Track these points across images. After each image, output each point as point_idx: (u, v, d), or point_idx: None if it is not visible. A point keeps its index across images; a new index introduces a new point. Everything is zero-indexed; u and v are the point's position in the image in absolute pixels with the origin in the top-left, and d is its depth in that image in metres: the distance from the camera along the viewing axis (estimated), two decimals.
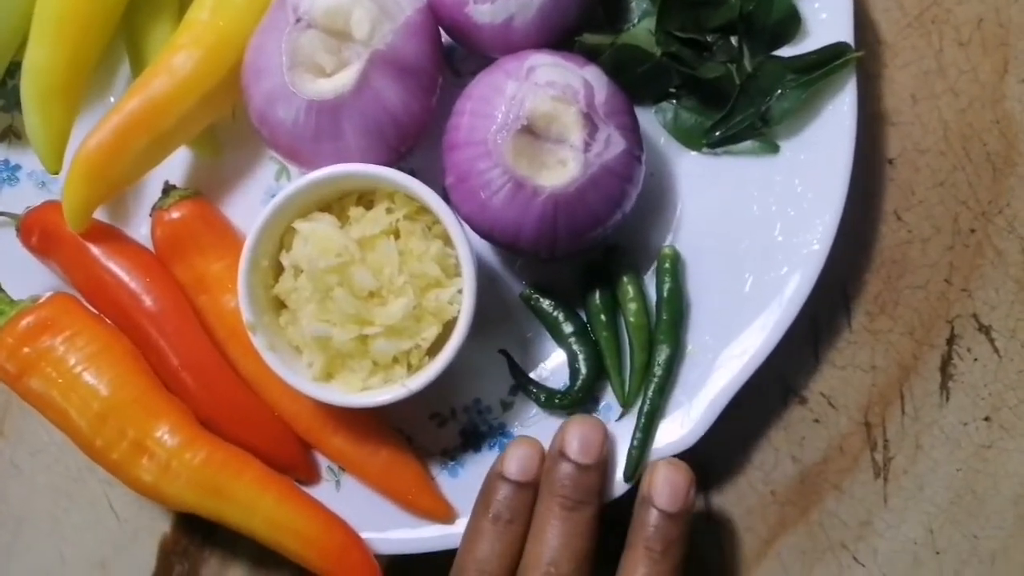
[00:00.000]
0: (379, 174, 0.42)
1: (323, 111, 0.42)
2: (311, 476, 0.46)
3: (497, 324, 0.48)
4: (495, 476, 0.43)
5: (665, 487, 0.42)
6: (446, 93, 0.45)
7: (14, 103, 0.49)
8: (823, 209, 0.45)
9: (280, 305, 0.44)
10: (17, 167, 0.49)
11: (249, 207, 0.49)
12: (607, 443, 0.43)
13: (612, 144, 0.42)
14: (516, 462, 0.43)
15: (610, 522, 0.44)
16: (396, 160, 0.44)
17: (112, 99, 0.49)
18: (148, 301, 0.45)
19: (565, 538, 0.42)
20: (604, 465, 0.43)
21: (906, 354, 0.49)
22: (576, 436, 0.43)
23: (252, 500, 0.43)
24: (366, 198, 0.45)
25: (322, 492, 0.47)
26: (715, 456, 0.49)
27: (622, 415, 0.46)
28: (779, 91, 0.45)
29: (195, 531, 0.51)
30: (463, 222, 0.44)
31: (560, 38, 0.45)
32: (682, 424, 0.46)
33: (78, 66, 0.44)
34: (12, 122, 0.49)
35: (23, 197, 0.49)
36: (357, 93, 0.42)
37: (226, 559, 0.50)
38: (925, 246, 0.49)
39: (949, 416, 0.49)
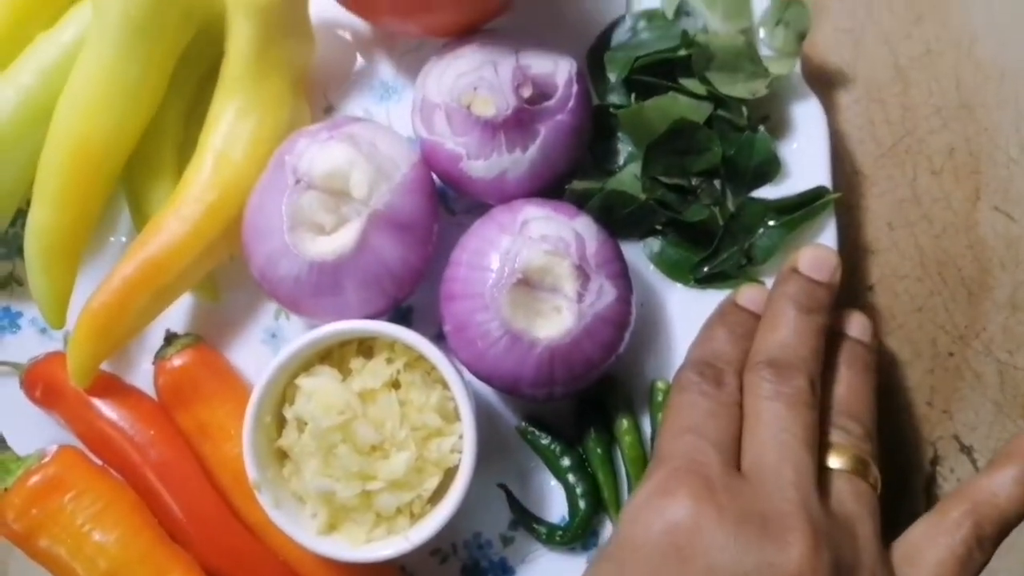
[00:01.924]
0: (378, 329, 0.43)
1: (324, 270, 0.43)
2: None
3: (495, 458, 0.49)
4: (730, 305, 0.45)
5: (810, 257, 0.43)
6: (441, 230, 0.46)
7: (15, 251, 0.50)
8: None
9: (283, 456, 0.45)
10: (19, 314, 0.50)
11: (250, 347, 0.50)
12: (839, 270, 0.44)
13: (604, 293, 0.43)
14: (752, 291, 0.45)
15: None
16: (392, 306, 0.46)
17: (112, 239, 0.50)
18: (152, 454, 0.45)
19: (800, 331, 0.42)
20: (835, 289, 0.44)
21: (891, 475, 0.51)
22: (809, 256, 0.44)
23: None
24: (366, 344, 0.46)
25: None
26: None
27: None
28: (761, 230, 0.47)
29: None
30: (462, 366, 0.45)
31: (551, 185, 0.46)
32: None
33: (80, 226, 0.45)
34: (13, 269, 0.50)
35: (25, 345, 0.49)
36: (357, 253, 0.43)
37: None
38: (906, 370, 0.51)
39: None
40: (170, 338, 0.47)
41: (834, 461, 0.40)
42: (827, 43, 0.52)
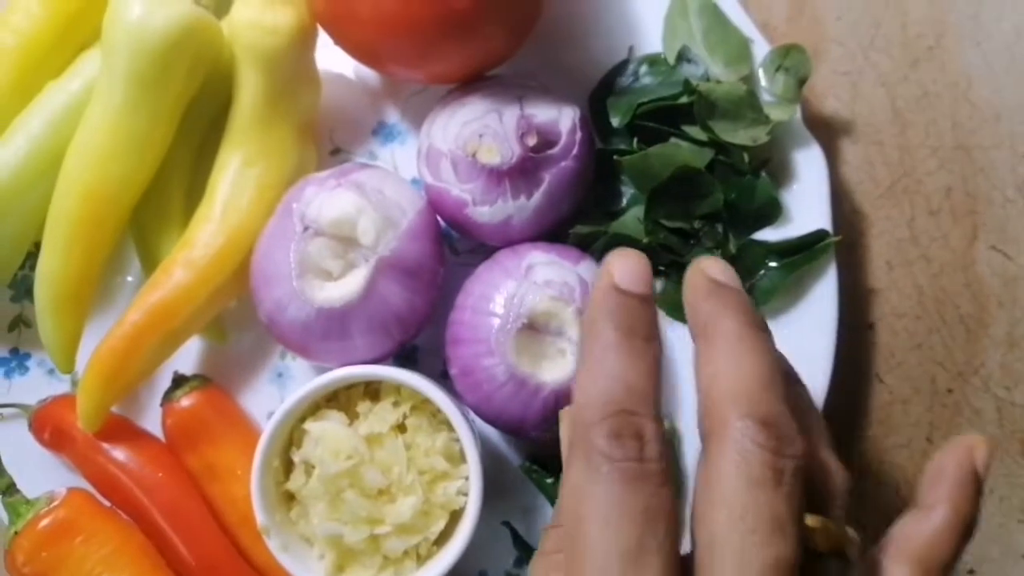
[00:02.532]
0: (385, 375, 0.44)
1: (331, 316, 0.44)
2: None
3: (500, 497, 0.49)
4: (609, 290, 0.33)
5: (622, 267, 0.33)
6: (447, 271, 0.47)
7: (23, 293, 0.50)
8: (811, 376, 0.47)
9: (290, 499, 0.45)
10: (27, 356, 0.51)
11: (257, 387, 0.50)
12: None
13: None
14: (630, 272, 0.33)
15: None
16: (398, 349, 0.46)
17: (119, 279, 0.51)
18: (160, 496, 0.46)
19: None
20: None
21: (893, 511, 0.51)
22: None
23: None
24: (372, 386, 0.46)
25: None
26: None
27: None
28: (763, 272, 0.48)
29: None
30: (468, 410, 0.45)
31: (555, 229, 0.47)
32: None
33: (89, 273, 0.46)
34: (22, 311, 0.51)
35: (33, 386, 0.50)
36: (364, 299, 0.44)
37: None
38: (906, 406, 0.52)
39: None
40: (178, 380, 0.48)
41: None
42: (825, 86, 0.53)
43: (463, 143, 0.45)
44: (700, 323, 0.33)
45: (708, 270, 0.34)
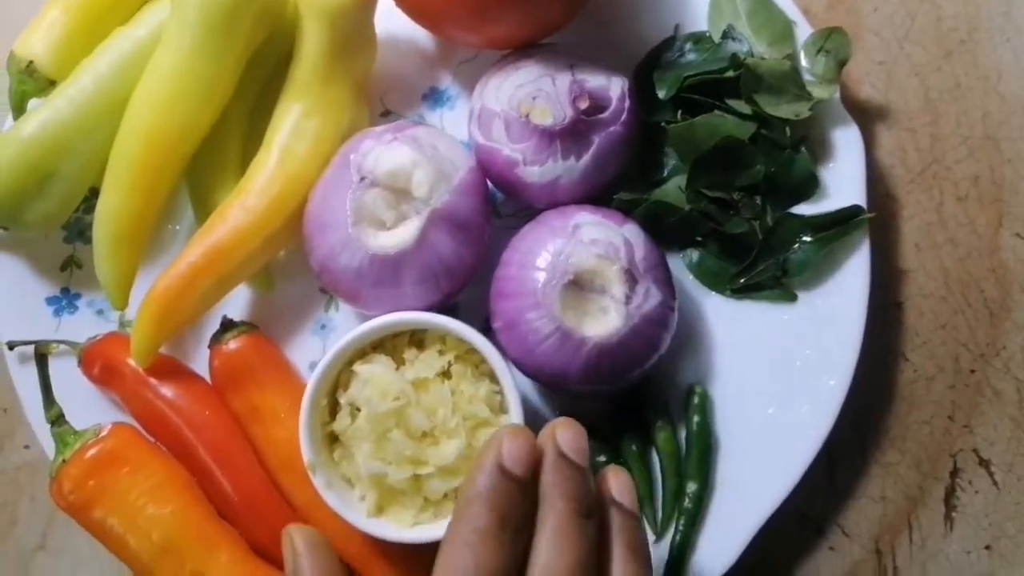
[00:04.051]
0: (435, 322, 0.45)
1: (384, 262, 0.45)
2: None
3: None
4: (494, 468, 0.36)
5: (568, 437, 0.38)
6: (492, 231, 0.48)
7: (76, 235, 0.52)
8: (840, 350, 0.49)
9: (333, 440, 0.47)
10: (77, 295, 0.52)
11: (300, 336, 0.52)
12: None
13: (650, 297, 0.45)
14: (517, 453, 0.37)
15: None
16: (444, 300, 0.48)
17: (170, 227, 0.52)
18: (206, 433, 0.47)
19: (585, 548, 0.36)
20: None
21: (913, 486, 0.53)
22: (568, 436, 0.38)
23: None
24: (417, 336, 0.48)
25: None
26: None
27: (656, 542, 0.49)
28: (797, 245, 0.50)
29: None
30: (509, 364, 0.47)
31: (599, 194, 0.48)
32: (710, 555, 0.48)
33: (148, 212, 0.47)
34: (74, 252, 0.52)
35: (82, 325, 0.51)
36: (416, 247, 0.45)
37: None
38: (929, 384, 0.53)
39: (953, 545, 0.52)
40: (227, 324, 0.49)
41: None
42: (861, 73, 0.55)
43: (517, 104, 0.47)
44: (542, 491, 0.37)
45: (560, 438, 0.38)
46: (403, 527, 0.45)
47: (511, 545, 0.35)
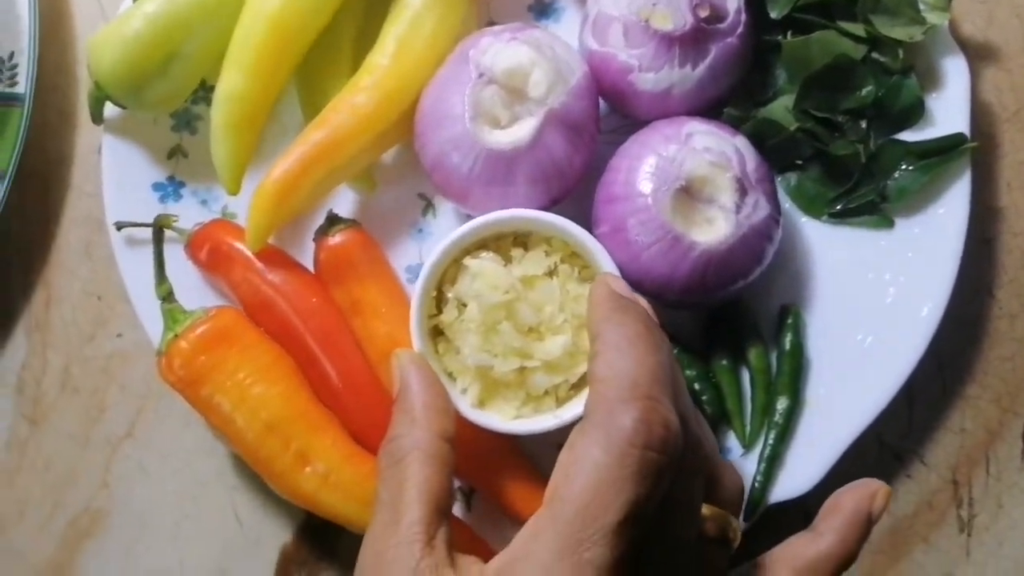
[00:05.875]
0: (549, 220, 0.46)
1: (499, 160, 0.46)
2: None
3: None
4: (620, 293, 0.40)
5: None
6: (599, 139, 0.49)
7: (184, 124, 0.52)
8: (934, 279, 0.50)
9: (437, 333, 0.47)
10: (182, 184, 0.52)
11: (399, 239, 0.52)
12: None
13: (759, 208, 0.46)
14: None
15: None
16: (550, 206, 0.48)
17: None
18: (313, 321, 0.47)
19: None
20: None
21: (992, 420, 0.53)
22: None
23: None
24: (521, 239, 0.48)
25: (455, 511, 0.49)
26: (816, 504, 0.52)
27: (743, 455, 0.50)
28: (898, 172, 0.50)
29: (317, 541, 0.53)
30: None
31: (708, 108, 0.49)
32: (797, 471, 0.49)
33: (267, 96, 0.48)
34: (180, 142, 0.52)
35: (185, 214, 0.51)
36: (531, 146, 0.46)
37: (346, 570, 0.53)
38: (1013, 322, 0.54)
39: None
40: (332, 219, 0.49)
41: None
42: (963, 11, 0.55)
43: (637, 9, 0.47)
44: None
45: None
46: (506, 419, 0.45)
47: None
